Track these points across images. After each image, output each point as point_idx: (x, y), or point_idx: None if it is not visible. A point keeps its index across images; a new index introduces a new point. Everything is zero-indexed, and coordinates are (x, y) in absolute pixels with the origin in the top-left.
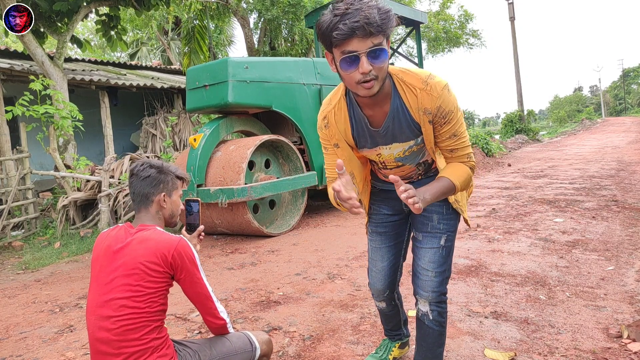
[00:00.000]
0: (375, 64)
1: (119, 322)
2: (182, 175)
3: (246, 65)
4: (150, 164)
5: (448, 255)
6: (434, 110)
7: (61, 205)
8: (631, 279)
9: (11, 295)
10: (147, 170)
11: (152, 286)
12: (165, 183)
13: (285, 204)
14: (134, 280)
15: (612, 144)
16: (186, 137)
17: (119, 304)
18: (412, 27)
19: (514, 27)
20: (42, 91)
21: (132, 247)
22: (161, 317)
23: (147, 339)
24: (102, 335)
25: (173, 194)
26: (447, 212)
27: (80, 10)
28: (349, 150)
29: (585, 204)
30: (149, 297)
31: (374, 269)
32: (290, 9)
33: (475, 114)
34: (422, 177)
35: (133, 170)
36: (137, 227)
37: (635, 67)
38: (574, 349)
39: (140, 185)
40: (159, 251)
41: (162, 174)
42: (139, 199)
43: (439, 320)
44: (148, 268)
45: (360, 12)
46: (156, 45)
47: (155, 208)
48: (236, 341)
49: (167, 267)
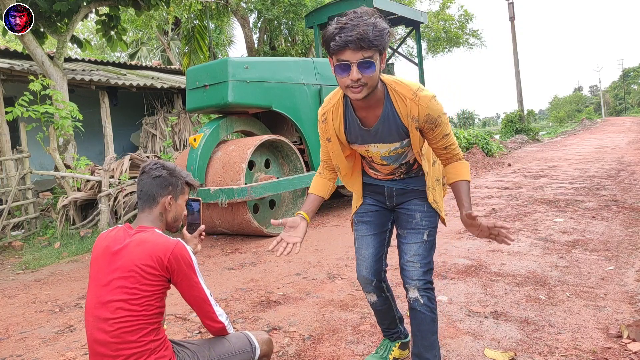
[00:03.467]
0: (364, 74)
1: (116, 325)
2: (192, 182)
3: (246, 65)
4: (163, 165)
5: (431, 248)
6: (423, 118)
7: (61, 205)
8: (631, 279)
9: (11, 295)
10: (159, 171)
11: (148, 289)
12: (174, 186)
13: (285, 204)
14: (130, 282)
15: (612, 143)
16: (186, 137)
17: (116, 306)
18: (412, 27)
19: (514, 27)
20: (42, 91)
21: (130, 249)
22: (158, 319)
23: (145, 341)
24: (100, 337)
25: (179, 198)
26: (428, 210)
27: (80, 10)
28: (338, 145)
29: (585, 203)
30: (145, 300)
31: (360, 257)
32: (291, 9)
33: (475, 114)
34: (403, 176)
35: (144, 168)
36: (135, 229)
37: (635, 67)
38: (574, 349)
39: (150, 184)
40: (155, 254)
41: (173, 176)
42: (145, 198)
43: (429, 305)
44: (144, 271)
45: (356, 28)
46: (156, 45)
47: (160, 209)
48: (236, 341)
49: (164, 271)
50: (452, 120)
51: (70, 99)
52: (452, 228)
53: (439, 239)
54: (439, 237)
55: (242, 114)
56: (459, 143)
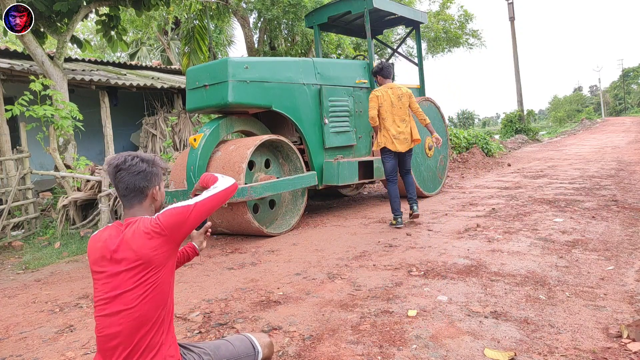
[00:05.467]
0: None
1: (130, 317)
2: (166, 165)
3: (246, 65)
4: (140, 157)
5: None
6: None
7: (61, 205)
8: (631, 279)
9: (11, 295)
10: (140, 165)
11: (155, 276)
12: (157, 175)
13: (285, 204)
14: (138, 272)
15: (612, 143)
16: (186, 137)
17: (129, 297)
18: (412, 27)
19: (513, 27)
20: (42, 91)
21: (127, 242)
22: (169, 313)
23: (154, 335)
24: (113, 331)
25: (161, 184)
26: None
27: (80, 10)
28: (376, 110)
29: (585, 203)
30: (154, 288)
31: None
32: (291, 9)
33: (475, 114)
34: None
35: (121, 165)
36: (125, 223)
37: (635, 67)
38: (574, 349)
39: (134, 180)
40: (148, 228)
41: (154, 167)
42: (132, 194)
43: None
44: (149, 248)
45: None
46: (156, 45)
47: (149, 201)
48: (239, 345)
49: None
50: (452, 120)
51: (70, 99)
52: (452, 228)
53: (439, 239)
54: (439, 236)
55: (242, 114)
56: (459, 143)
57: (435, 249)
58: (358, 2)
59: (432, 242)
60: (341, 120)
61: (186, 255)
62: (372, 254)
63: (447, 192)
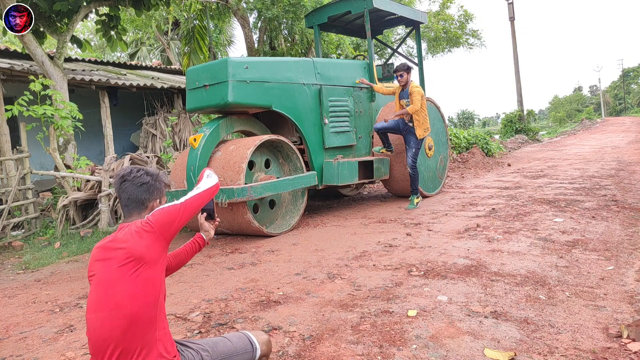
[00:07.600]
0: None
1: (122, 315)
2: (169, 182)
3: (246, 65)
4: (146, 171)
5: (415, 154)
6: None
7: (61, 205)
8: (631, 279)
9: (11, 295)
10: (144, 178)
11: (145, 273)
12: (159, 190)
13: (285, 204)
14: (128, 269)
15: (612, 143)
16: (186, 137)
17: (119, 295)
18: (412, 27)
19: (513, 27)
20: (42, 91)
21: (119, 241)
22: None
23: (147, 333)
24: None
25: (162, 199)
26: (414, 138)
27: (80, 10)
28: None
29: (585, 203)
30: (148, 283)
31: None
32: (291, 9)
33: (475, 114)
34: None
35: (127, 176)
36: (119, 228)
37: (635, 67)
38: (574, 349)
39: (137, 191)
40: (138, 227)
41: (157, 181)
42: (133, 204)
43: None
44: (140, 245)
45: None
46: (156, 45)
47: (148, 212)
48: (237, 342)
49: (155, 227)
50: (452, 120)
51: (70, 99)
52: (452, 228)
53: (439, 239)
54: (439, 236)
55: (242, 114)
56: (459, 143)
57: (435, 249)
58: (358, 2)
59: (432, 242)
60: (341, 120)
61: (197, 244)
62: (372, 254)
63: (447, 192)
